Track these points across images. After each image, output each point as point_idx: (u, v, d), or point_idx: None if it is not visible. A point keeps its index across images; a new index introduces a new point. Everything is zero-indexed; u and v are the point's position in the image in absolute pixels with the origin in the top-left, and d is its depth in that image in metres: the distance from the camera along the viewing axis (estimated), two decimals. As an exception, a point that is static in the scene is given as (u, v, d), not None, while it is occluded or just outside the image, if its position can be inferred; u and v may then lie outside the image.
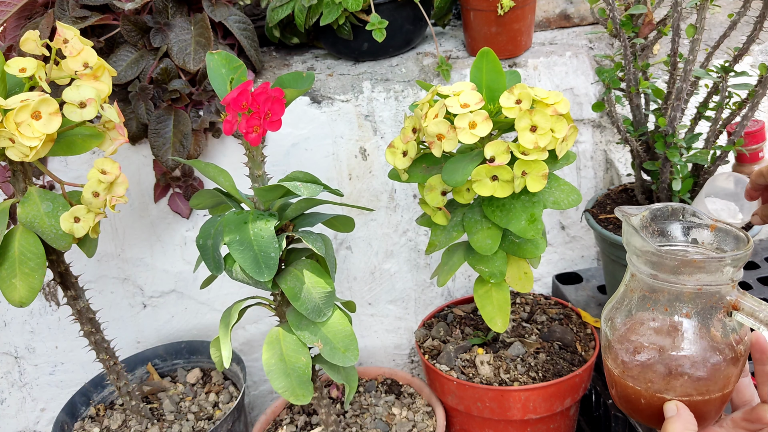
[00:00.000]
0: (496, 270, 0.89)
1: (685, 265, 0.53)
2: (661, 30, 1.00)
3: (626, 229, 0.56)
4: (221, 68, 0.80)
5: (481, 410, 0.98)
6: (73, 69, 0.77)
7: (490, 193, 0.81)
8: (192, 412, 1.06)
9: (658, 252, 0.53)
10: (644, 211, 0.58)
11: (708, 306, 0.54)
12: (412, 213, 1.20)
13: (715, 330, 0.54)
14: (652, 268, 0.55)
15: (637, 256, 0.56)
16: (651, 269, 0.55)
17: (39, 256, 0.78)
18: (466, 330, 1.10)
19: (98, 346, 0.94)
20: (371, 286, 1.24)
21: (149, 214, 1.14)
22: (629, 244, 0.56)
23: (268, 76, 1.20)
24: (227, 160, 1.11)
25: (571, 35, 1.28)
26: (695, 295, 0.54)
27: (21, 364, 1.20)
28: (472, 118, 0.78)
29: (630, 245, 0.56)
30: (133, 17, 1.04)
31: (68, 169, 1.09)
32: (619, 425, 1.03)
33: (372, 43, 1.17)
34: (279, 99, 0.74)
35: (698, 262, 0.52)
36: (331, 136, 1.14)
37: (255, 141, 0.74)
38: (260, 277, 0.76)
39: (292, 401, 0.82)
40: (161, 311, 1.21)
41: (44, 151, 0.72)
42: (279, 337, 0.83)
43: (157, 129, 1.03)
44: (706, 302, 0.54)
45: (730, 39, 0.98)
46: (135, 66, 1.05)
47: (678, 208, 0.59)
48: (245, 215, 0.80)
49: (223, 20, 1.10)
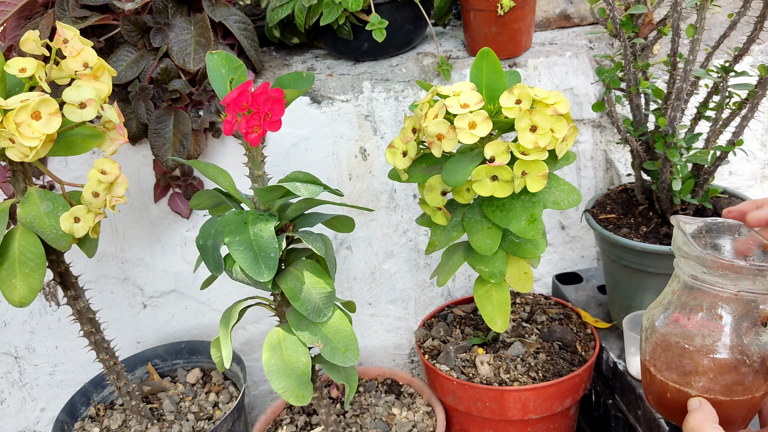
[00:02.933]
0: (496, 270, 0.89)
1: (724, 269, 0.55)
2: (661, 30, 1.00)
3: (677, 234, 0.59)
4: (221, 68, 0.80)
5: (481, 410, 0.98)
6: (73, 69, 0.77)
7: (490, 193, 0.81)
8: (192, 412, 1.06)
9: (702, 254, 0.56)
10: (700, 223, 0.60)
11: (743, 313, 0.56)
12: (412, 213, 1.20)
13: (748, 338, 0.56)
14: (694, 270, 0.57)
15: (684, 259, 0.58)
16: (692, 271, 0.57)
17: (39, 256, 0.78)
18: (466, 330, 1.10)
19: (98, 346, 0.94)
20: (371, 286, 1.24)
21: (149, 214, 1.14)
22: (679, 249, 0.58)
23: (268, 76, 1.20)
24: (227, 160, 1.11)
25: (571, 35, 1.28)
26: (731, 300, 0.56)
27: (21, 364, 1.20)
28: (472, 118, 0.78)
29: (680, 249, 0.58)
30: (133, 17, 1.04)
31: (68, 169, 1.09)
32: (619, 425, 1.03)
33: (372, 43, 1.17)
34: (279, 99, 0.74)
35: (736, 267, 0.54)
36: (331, 136, 1.14)
37: (255, 141, 0.74)
38: (260, 277, 0.76)
39: (292, 402, 0.82)
40: (161, 311, 1.21)
41: (44, 151, 0.72)
42: (279, 337, 0.83)
43: (157, 129, 1.03)
44: (743, 309, 0.56)
45: (730, 39, 0.98)
46: (135, 66, 1.05)
47: (734, 225, 0.61)
48: (245, 215, 0.80)
49: (223, 20, 1.10)
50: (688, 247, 0.57)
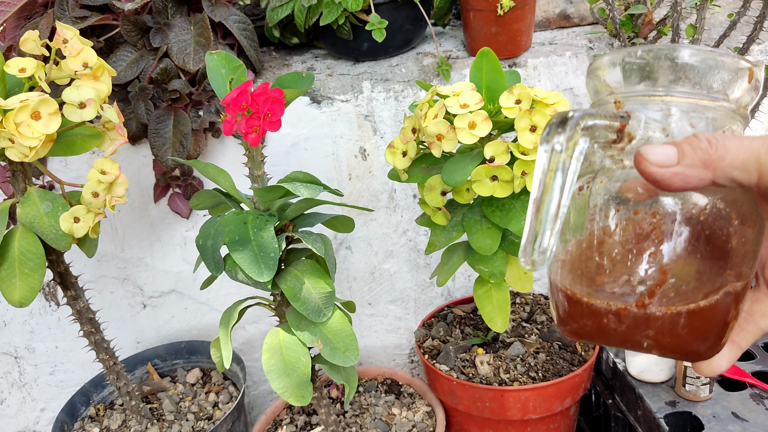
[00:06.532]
0: (495, 270, 0.89)
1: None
2: (660, 30, 1.00)
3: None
4: (221, 68, 0.80)
5: (481, 410, 0.98)
6: (72, 69, 0.77)
7: (489, 193, 0.80)
8: (192, 412, 1.06)
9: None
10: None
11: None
12: (412, 213, 1.20)
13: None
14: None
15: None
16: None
17: (39, 256, 0.78)
18: (466, 330, 1.10)
19: (98, 346, 0.94)
20: (371, 286, 1.24)
21: (149, 214, 1.14)
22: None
23: (268, 76, 1.20)
24: (227, 160, 1.11)
25: (571, 35, 1.28)
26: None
27: (21, 364, 1.20)
28: (472, 118, 0.78)
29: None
30: (133, 17, 1.04)
31: (68, 169, 1.09)
32: (619, 425, 1.03)
33: (372, 43, 1.17)
34: (278, 99, 0.74)
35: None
36: (331, 136, 1.14)
37: (255, 141, 0.74)
38: (260, 277, 0.76)
39: (292, 402, 0.82)
40: (161, 311, 1.21)
41: (44, 151, 0.72)
42: (279, 337, 0.83)
43: (156, 129, 1.03)
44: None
45: (730, 39, 0.98)
46: (135, 66, 1.05)
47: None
48: (245, 216, 0.80)
49: (223, 20, 1.10)
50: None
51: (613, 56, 0.41)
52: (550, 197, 0.36)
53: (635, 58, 0.40)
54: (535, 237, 0.37)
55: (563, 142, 0.36)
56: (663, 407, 0.93)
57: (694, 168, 0.35)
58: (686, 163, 0.35)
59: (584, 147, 0.36)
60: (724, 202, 0.38)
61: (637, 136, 0.39)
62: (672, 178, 0.35)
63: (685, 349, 0.39)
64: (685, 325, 0.37)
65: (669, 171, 0.35)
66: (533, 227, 0.37)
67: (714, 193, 0.38)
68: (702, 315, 0.37)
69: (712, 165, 0.35)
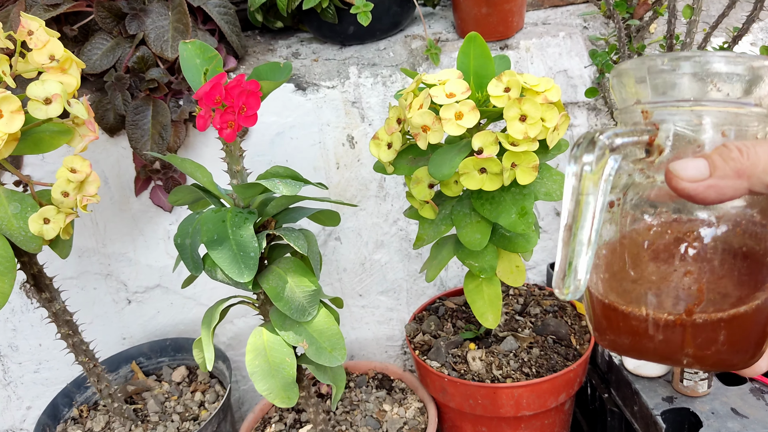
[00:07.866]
0: (486, 265, 0.85)
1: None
2: (656, 10, 0.96)
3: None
4: (195, 58, 0.76)
5: (473, 407, 0.96)
6: (39, 62, 0.73)
7: (478, 186, 0.77)
8: (177, 413, 1.03)
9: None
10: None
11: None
12: (402, 202, 1.17)
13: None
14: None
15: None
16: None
17: (8, 259, 0.74)
18: (458, 323, 1.07)
19: (77, 348, 0.91)
20: (362, 277, 1.21)
21: (131, 207, 1.10)
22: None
23: (251, 62, 1.15)
24: (209, 152, 1.08)
25: (565, 14, 1.24)
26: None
27: (5, 363, 1.17)
28: (459, 108, 0.74)
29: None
30: (108, 3, 1.00)
31: (45, 162, 1.06)
32: (615, 420, 1.00)
33: (358, 27, 1.12)
34: (254, 92, 0.70)
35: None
36: (318, 124, 1.10)
37: (230, 137, 0.70)
38: (240, 278, 0.73)
39: (278, 404, 0.79)
40: (146, 307, 1.17)
41: (7, 150, 0.69)
42: (263, 337, 0.80)
43: (135, 120, 0.99)
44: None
45: (729, 17, 0.94)
46: (111, 54, 1.01)
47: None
48: (223, 213, 0.76)
49: (202, 5, 1.06)
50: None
51: (639, 63, 0.39)
52: (583, 223, 0.35)
53: (662, 65, 0.39)
54: (569, 264, 0.36)
55: (592, 163, 0.35)
56: (660, 403, 0.90)
57: (727, 179, 0.34)
58: (719, 175, 0.34)
59: (614, 166, 0.35)
60: (761, 210, 0.37)
61: (666, 148, 0.38)
62: (706, 192, 0.34)
63: (725, 361, 0.38)
64: (725, 338, 0.37)
65: (702, 185, 0.34)
66: (566, 256, 0.36)
67: (750, 203, 0.37)
68: (742, 325, 0.37)
69: (746, 173, 0.34)
